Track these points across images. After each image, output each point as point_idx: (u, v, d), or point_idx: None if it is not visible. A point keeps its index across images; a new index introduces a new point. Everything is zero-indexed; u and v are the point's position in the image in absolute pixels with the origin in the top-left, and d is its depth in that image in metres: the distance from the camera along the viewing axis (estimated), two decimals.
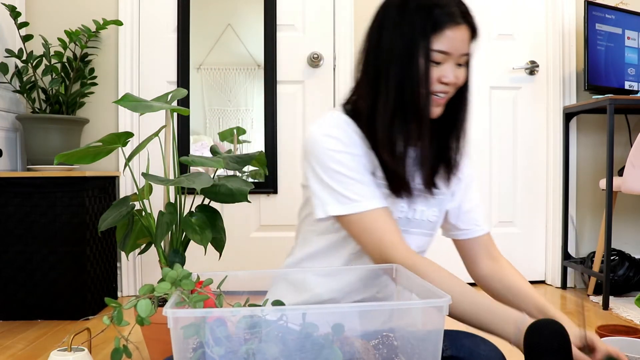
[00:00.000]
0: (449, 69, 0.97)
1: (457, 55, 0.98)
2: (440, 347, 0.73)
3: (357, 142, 1.00)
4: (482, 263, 1.18)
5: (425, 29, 0.95)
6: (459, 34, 0.96)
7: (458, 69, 1.00)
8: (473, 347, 0.93)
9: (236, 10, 2.53)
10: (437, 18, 0.94)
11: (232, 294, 0.87)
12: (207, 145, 2.50)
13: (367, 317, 0.82)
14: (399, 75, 0.96)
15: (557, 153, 2.62)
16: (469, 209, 1.14)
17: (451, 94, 1.01)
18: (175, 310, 0.68)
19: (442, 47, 0.95)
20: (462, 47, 0.97)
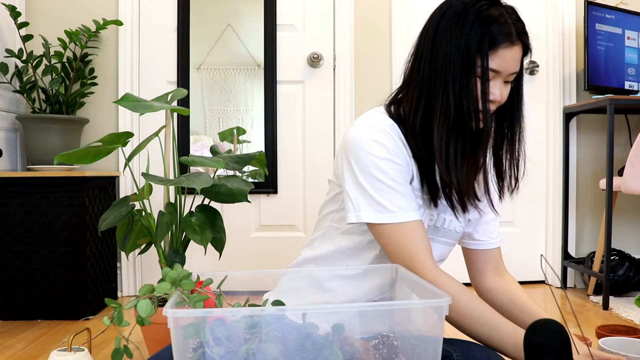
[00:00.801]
0: (496, 87, 0.96)
1: (507, 74, 0.96)
2: (440, 346, 0.73)
3: (401, 150, 0.98)
4: (489, 276, 1.19)
5: (482, 45, 0.92)
6: (512, 53, 0.94)
7: (504, 87, 0.98)
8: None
9: (236, 10, 2.53)
10: (494, 35, 0.92)
11: (232, 294, 0.87)
12: (207, 145, 2.50)
13: (367, 317, 0.82)
14: (457, 91, 0.94)
15: (557, 153, 2.62)
16: (488, 221, 1.15)
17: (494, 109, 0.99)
18: (175, 310, 0.68)
19: (494, 66, 0.94)
20: (515, 65, 0.96)
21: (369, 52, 2.54)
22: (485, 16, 0.93)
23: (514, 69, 0.96)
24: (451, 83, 0.94)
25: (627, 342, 1.06)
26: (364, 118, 1.01)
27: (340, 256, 1.06)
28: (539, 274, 2.68)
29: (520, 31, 0.96)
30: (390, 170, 0.96)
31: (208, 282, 0.83)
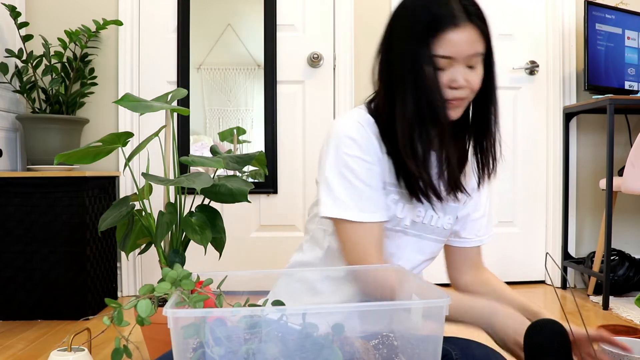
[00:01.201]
0: (458, 73, 0.93)
1: (464, 58, 0.92)
2: (440, 346, 0.73)
3: (374, 148, 0.98)
4: (468, 272, 1.17)
5: (424, 34, 0.91)
6: (462, 36, 0.90)
7: (470, 72, 0.94)
8: (484, 358, 0.92)
9: (236, 10, 2.53)
10: (437, 20, 0.90)
11: (232, 294, 0.87)
12: (207, 145, 2.50)
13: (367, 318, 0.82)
14: (411, 85, 0.93)
15: (557, 153, 2.62)
16: (476, 218, 1.11)
17: (470, 96, 0.97)
18: (175, 310, 0.68)
19: (444, 52, 0.91)
20: (468, 48, 0.91)
21: (369, 52, 2.53)
22: (429, 3, 0.92)
23: (469, 52, 0.92)
24: (407, 76, 0.94)
25: (627, 342, 1.06)
26: (344, 114, 1.03)
27: (330, 259, 1.05)
28: (539, 274, 2.68)
29: (469, 12, 0.91)
30: (358, 168, 0.96)
31: (208, 282, 0.82)
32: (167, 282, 0.77)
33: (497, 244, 2.66)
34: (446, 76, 0.93)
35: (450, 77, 0.93)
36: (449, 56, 0.91)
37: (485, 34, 0.94)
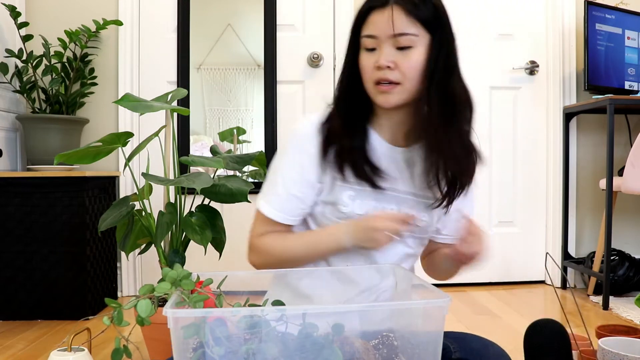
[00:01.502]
0: (382, 53, 0.93)
1: (388, 37, 0.93)
2: (440, 346, 0.73)
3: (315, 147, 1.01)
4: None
5: (358, 18, 0.98)
6: (385, 15, 0.93)
7: (400, 54, 0.94)
8: (482, 350, 0.93)
9: (236, 10, 2.53)
10: (364, 5, 0.97)
11: (232, 294, 0.87)
12: (207, 145, 2.50)
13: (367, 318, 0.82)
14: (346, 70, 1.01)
15: (557, 153, 2.62)
16: (458, 219, 1.04)
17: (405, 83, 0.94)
18: (175, 310, 0.68)
19: (368, 32, 0.95)
20: (391, 27, 0.92)
21: None
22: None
23: (391, 31, 0.92)
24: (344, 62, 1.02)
25: (627, 342, 1.06)
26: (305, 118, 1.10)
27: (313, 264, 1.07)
28: (539, 274, 2.68)
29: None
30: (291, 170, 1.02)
31: (208, 282, 0.82)
32: (167, 282, 0.78)
33: (497, 244, 2.66)
34: (373, 57, 0.95)
35: (376, 57, 0.95)
36: (372, 35, 0.95)
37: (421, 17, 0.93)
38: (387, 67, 0.93)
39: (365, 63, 0.96)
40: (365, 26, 0.96)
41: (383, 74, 0.94)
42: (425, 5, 0.93)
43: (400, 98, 0.96)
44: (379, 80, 0.94)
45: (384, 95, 0.95)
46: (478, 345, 0.94)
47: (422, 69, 0.94)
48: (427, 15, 0.93)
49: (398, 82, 0.94)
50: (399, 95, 0.95)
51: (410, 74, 0.94)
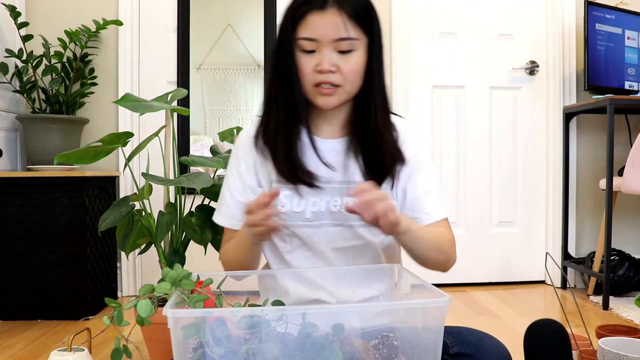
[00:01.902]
0: (323, 56, 0.93)
1: (329, 41, 0.93)
2: (440, 347, 0.73)
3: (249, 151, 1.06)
4: None
5: (294, 20, 0.95)
6: (326, 18, 0.92)
7: (341, 57, 0.95)
8: (479, 343, 0.93)
9: (236, 10, 2.53)
10: (301, 4, 0.94)
11: (232, 294, 0.88)
12: (207, 145, 2.50)
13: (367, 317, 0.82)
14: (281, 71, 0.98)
15: (557, 153, 2.62)
16: (415, 197, 1.04)
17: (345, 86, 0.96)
18: (175, 310, 0.68)
19: (307, 34, 0.94)
20: (333, 31, 0.93)
21: None
22: None
23: (337, 34, 0.93)
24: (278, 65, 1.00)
25: (627, 342, 1.06)
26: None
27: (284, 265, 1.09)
28: (539, 274, 2.68)
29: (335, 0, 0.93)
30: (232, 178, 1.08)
31: (208, 282, 0.83)
32: (167, 282, 0.78)
33: (497, 244, 2.66)
34: (314, 59, 0.95)
35: (317, 60, 0.94)
36: (312, 38, 0.94)
37: (361, 21, 0.95)
38: (329, 71, 0.94)
39: (304, 66, 0.95)
40: (303, 28, 0.94)
41: (325, 77, 0.94)
42: (363, 9, 0.95)
43: (340, 99, 0.98)
44: (320, 83, 0.95)
45: (325, 98, 0.97)
46: (474, 338, 0.94)
47: (362, 71, 0.97)
48: (365, 18, 0.96)
49: (339, 84, 0.96)
50: (340, 97, 0.98)
51: (351, 76, 0.96)
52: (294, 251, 1.05)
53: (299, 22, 0.95)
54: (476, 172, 2.66)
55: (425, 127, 2.63)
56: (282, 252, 1.06)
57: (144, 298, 0.75)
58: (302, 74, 0.96)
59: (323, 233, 1.03)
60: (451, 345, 0.93)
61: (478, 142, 2.66)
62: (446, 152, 2.65)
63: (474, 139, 2.66)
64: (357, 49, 0.96)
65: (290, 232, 1.04)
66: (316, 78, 0.95)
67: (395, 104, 2.56)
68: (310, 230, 1.03)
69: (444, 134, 2.65)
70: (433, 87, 2.63)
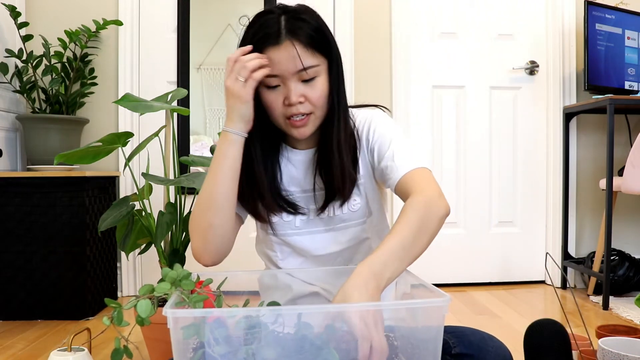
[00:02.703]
0: (290, 90, 0.93)
1: (291, 74, 0.92)
2: (440, 346, 0.73)
3: None
4: None
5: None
6: (282, 53, 0.91)
7: (306, 86, 0.94)
8: (481, 344, 0.93)
9: (236, 10, 2.53)
10: (257, 43, 0.93)
11: (232, 294, 0.88)
12: (207, 145, 2.50)
13: None
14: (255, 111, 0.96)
15: (557, 153, 2.62)
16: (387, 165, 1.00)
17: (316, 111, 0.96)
18: (175, 310, 0.68)
19: (269, 72, 0.92)
20: (292, 64, 0.92)
21: (368, 52, 2.54)
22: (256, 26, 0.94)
23: (293, 68, 0.92)
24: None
25: (627, 342, 1.06)
26: None
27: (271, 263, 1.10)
28: (539, 274, 2.68)
29: (291, 29, 0.91)
30: None
31: (208, 282, 0.83)
32: (167, 282, 0.78)
33: (497, 244, 2.66)
34: (281, 94, 0.94)
35: (284, 94, 0.94)
36: (274, 74, 0.92)
37: (317, 45, 0.94)
38: (298, 102, 0.94)
39: (272, 101, 0.95)
40: None
41: (295, 109, 0.94)
42: (317, 33, 0.94)
43: (314, 126, 0.98)
44: (290, 116, 0.95)
45: (299, 129, 0.96)
46: (477, 338, 0.94)
47: (328, 94, 0.97)
48: (321, 42, 0.94)
49: (310, 112, 0.96)
50: (313, 124, 0.98)
51: (319, 102, 0.96)
52: (285, 259, 1.07)
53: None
54: (476, 172, 2.66)
55: (425, 127, 2.63)
56: (275, 261, 1.08)
57: (143, 298, 0.75)
58: (272, 110, 0.96)
59: (314, 240, 1.05)
60: (453, 346, 0.93)
61: (478, 142, 2.66)
62: (446, 152, 2.65)
63: (474, 139, 2.66)
64: (319, 74, 0.95)
65: (280, 241, 1.06)
66: (286, 112, 0.95)
67: (395, 104, 2.57)
68: (301, 238, 1.05)
69: (444, 134, 2.65)
70: (433, 87, 2.63)
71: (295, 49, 0.91)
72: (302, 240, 1.04)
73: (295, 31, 0.92)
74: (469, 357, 0.91)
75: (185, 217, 1.57)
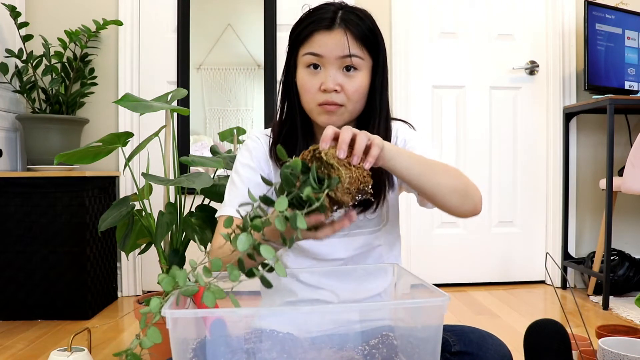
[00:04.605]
0: (328, 75, 0.96)
1: (335, 58, 0.95)
2: (439, 345, 0.73)
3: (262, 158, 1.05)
4: None
5: (298, 37, 0.98)
6: (332, 37, 0.95)
7: (345, 76, 0.97)
8: (481, 342, 0.93)
9: (236, 10, 2.53)
10: (308, 25, 0.96)
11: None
12: (207, 145, 2.50)
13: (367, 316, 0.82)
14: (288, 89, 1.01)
15: (557, 153, 2.62)
16: None
17: (348, 105, 0.97)
18: (174, 311, 0.67)
19: (312, 50, 0.96)
20: (339, 49, 0.95)
21: None
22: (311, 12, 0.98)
23: (342, 52, 0.95)
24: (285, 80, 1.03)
25: (627, 342, 1.06)
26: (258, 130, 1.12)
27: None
28: (539, 274, 2.68)
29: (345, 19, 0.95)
30: (243, 172, 1.04)
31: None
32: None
33: (497, 244, 2.66)
34: (318, 78, 0.97)
35: (322, 79, 0.96)
36: (317, 53, 0.95)
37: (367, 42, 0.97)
38: (333, 90, 0.95)
39: (309, 85, 0.97)
40: (308, 45, 0.97)
41: (329, 97, 0.96)
42: (369, 31, 0.97)
43: (342, 119, 0.99)
44: (323, 103, 0.96)
45: (328, 116, 0.97)
46: (476, 336, 0.94)
47: (365, 92, 0.99)
48: (371, 40, 0.97)
49: (342, 104, 0.97)
50: (342, 117, 0.98)
51: (355, 96, 0.97)
52: (295, 260, 1.06)
53: (305, 40, 0.97)
54: (476, 172, 2.66)
55: (425, 127, 2.63)
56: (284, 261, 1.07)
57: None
58: (306, 92, 0.98)
59: (327, 244, 1.03)
60: (453, 344, 0.93)
61: (478, 142, 2.66)
62: (446, 152, 2.64)
63: (474, 139, 2.66)
64: (361, 69, 0.97)
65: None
66: (320, 97, 0.96)
67: (395, 104, 2.56)
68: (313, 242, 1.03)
69: (444, 134, 2.65)
70: (433, 87, 2.63)
71: (346, 36, 0.94)
72: (314, 244, 1.03)
73: (349, 22, 0.95)
74: (468, 355, 0.92)
75: (185, 217, 1.57)
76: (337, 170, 0.71)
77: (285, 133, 1.03)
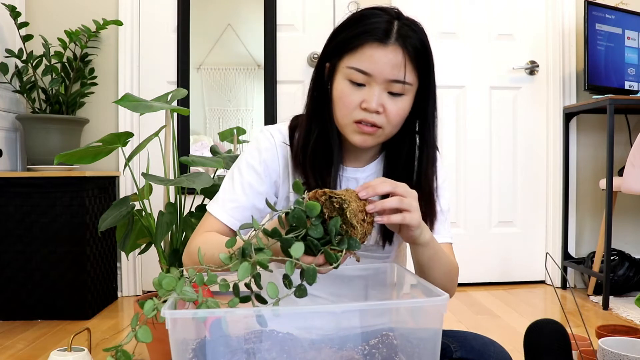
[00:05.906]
0: (372, 94, 0.86)
1: (383, 79, 0.86)
2: (439, 345, 0.73)
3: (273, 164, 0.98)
4: None
5: (346, 45, 0.88)
6: (386, 54, 0.85)
7: (390, 99, 0.88)
8: (482, 349, 0.92)
9: (236, 10, 2.53)
10: (358, 33, 0.86)
11: (231, 294, 0.87)
12: (207, 145, 2.50)
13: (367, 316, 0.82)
14: (320, 97, 0.93)
15: (557, 153, 2.62)
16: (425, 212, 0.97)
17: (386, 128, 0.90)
18: (173, 311, 0.67)
19: (362, 66, 0.86)
20: (391, 71, 0.85)
21: None
22: (365, 14, 0.89)
23: (392, 75, 0.85)
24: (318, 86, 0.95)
25: (627, 342, 1.06)
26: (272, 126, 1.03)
27: None
28: (539, 274, 2.68)
29: (403, 36, 0.86)
30: (248, 174, 0.97)
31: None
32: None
33: (497, 244, 2.66)
34: (360, 94, 0.87)
35: (364, 96, 0.87)
36: (363, 71, 0.86)
37: (419, 62, 0.88)
38: (375, 111, 0.87)
39: (347, 98, 0.88)
40: (357, 58, 0.86)
41: (369, 116, 0.87)
42: (423, 47, 0.89)
43: (377, 141, 0.93)
44: (361, 121, 0.88)
45: (363, 137, 0.90)
46: (478, 343, 0.94)
47: (405, 116, 0.91)
48: (423, 59, 0.89)
49: (381, 126, 0.89)
50: (378, 139, 0.92)
51: (395, 120, 0.89)
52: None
53: (353, 51, 0.87)
54: (476, 172, 2.66)
55: None
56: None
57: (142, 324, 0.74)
58: (344, 106, 0.89)
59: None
60: (455, 350, 0.93)
61: (478, 142, 2.66)
62: (446, 152, 2.64)
63: (474, 139, 2.66)
64: (407, 94, 0.89)
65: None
66: (358, 115, 0.88)
67: None
68: None
69: (444, 134, 2.65)
70: None
71: (404, 57, 0.85)
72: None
73: (406, 39, 0.86)
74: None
75: (185, 217, 1.57)
76: (355, 230, 0.69)
77: (314, 142, 0.94)
